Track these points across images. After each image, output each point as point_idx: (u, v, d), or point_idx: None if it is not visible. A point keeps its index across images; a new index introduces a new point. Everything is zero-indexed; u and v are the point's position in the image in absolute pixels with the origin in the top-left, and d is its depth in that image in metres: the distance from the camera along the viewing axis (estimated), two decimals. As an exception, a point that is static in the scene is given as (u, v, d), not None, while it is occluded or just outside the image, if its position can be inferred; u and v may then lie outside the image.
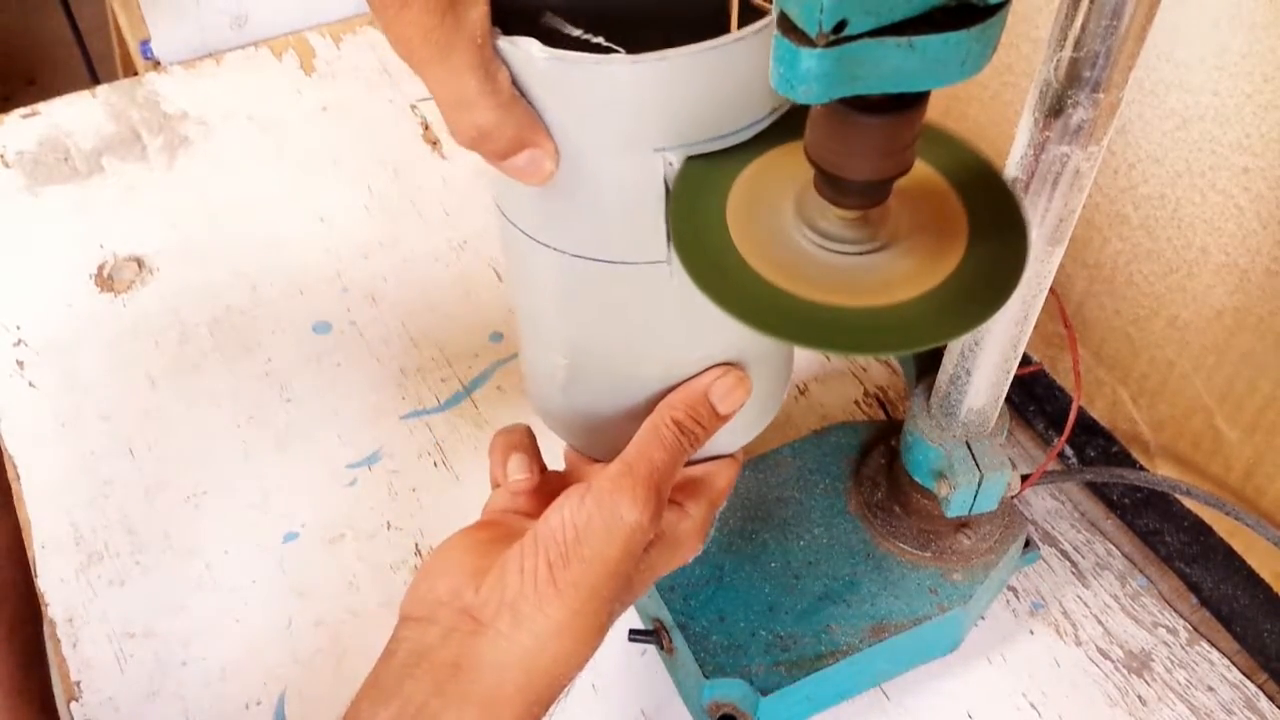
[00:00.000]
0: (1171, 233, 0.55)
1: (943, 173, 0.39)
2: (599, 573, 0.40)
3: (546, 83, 0.35)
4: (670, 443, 0.42)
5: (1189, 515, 0.61)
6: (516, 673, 0.39)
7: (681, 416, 0.43)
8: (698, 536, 0.45)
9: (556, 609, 0.39)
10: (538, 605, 0.39)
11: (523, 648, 0.39)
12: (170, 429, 0.68)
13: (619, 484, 0.40)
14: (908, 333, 0.35)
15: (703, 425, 0.43)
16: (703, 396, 0.43)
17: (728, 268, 0.36)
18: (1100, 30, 0.35)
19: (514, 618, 0.39)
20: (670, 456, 0.42)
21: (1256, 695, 0.58)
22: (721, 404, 0.44)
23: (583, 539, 0.40)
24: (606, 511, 0.40)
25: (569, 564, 0.39)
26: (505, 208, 0.42)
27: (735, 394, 0.44)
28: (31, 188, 0.83)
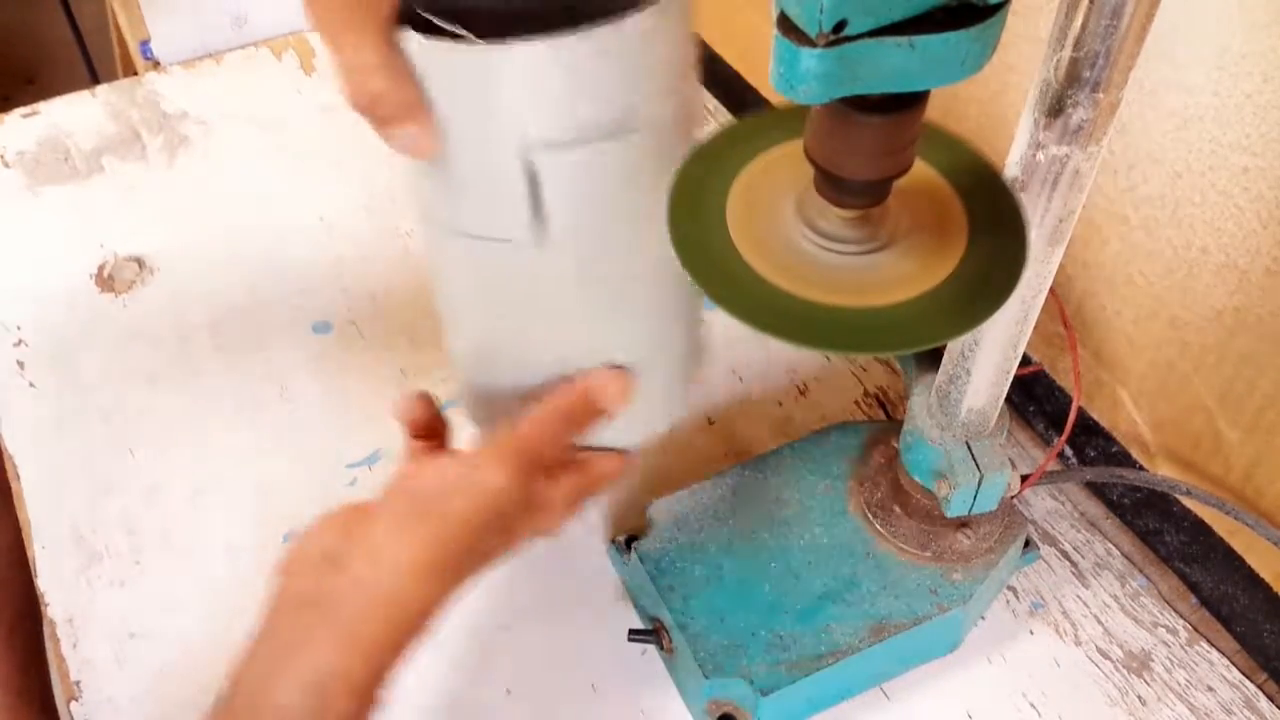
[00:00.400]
0: (1171, 233, 0.55)
1: (943, 173, 0.39)
2: (457, 524, 0.43)
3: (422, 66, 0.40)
4: (546, 424, 0.47)
5: (1189, 515, 0.61)
6: (378, 608, 0.41)
7: (561, 402, 0.47)
8: (563, 505, 0.48)
9: (416, 552, 0.42)
10: (397, 550, 0.42)
11: (383, 587, 0.42)
12: (170, 429, 0.68)
13: (491, 453, 0.45)
14: (908, 333, 0.35)
15: (583, 415, 0.48)
16: (584, 390, 0.48)
17: (728, 268, 0.36)
18: (1100, 30, 0.35)
19: (374, 559, 0.42)
20: (544, 435, 0.46)
21: (1256, 695, 0.58)
22: (601, 400, 0.48)
23: (447, 493, 0.44)
24: (475, 473, 0.44)
25: (429, 515, 0.43)
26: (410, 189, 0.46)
27: (615, 393, 0.48)
28: (31, 188, 0.83)
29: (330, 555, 0.43)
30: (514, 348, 0.49)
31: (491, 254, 0.44)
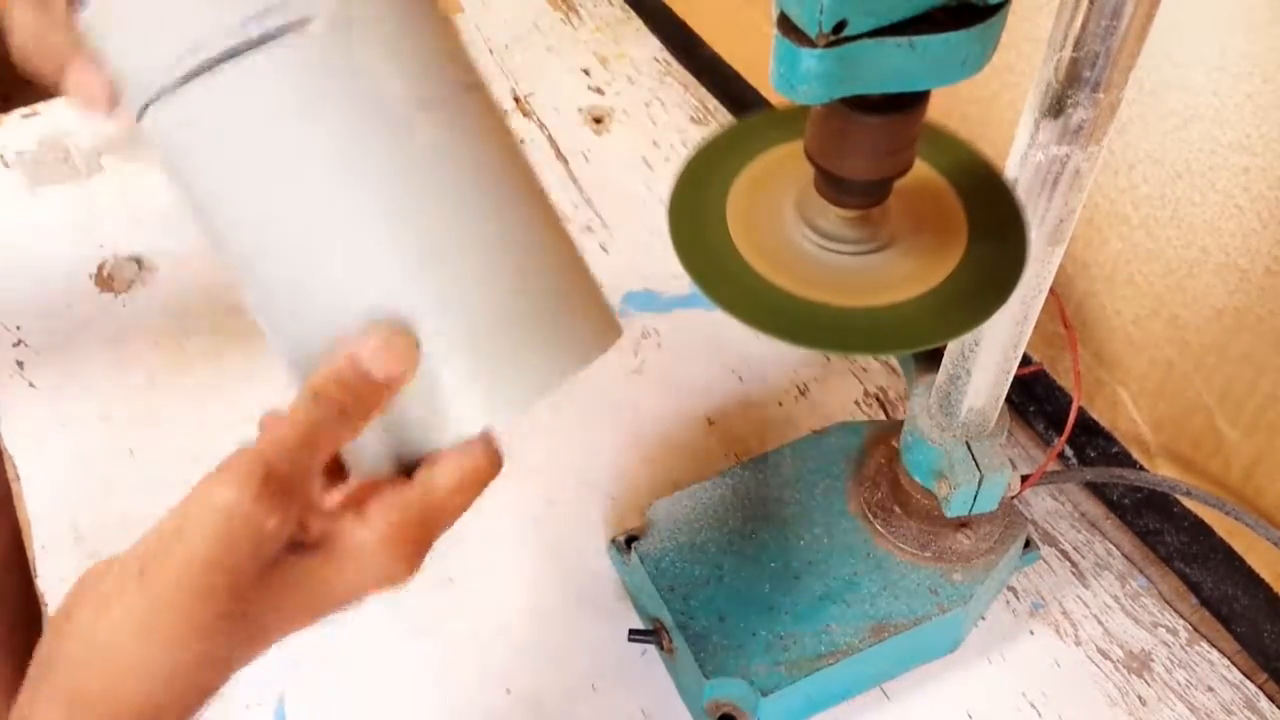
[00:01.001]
0: (1171, 233, 0.55)
1: (943, 173, 0.39)
2: (188, 564, 0.33)
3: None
4: (302, 416, 0.35)
5: (1189, 515, 0.61)
6: (100, 670, 0.34)
7: (320, 383, 0.35)
8: (385, 550, 0.35)
9: (138, 600, 0.33)
10: (120, 598, 0.34)
11: (104, 644, 0.34)
12: (170, 429, 0.68)
13: (221, 466, 0.34)
14: (908, 333, 0.35)
15: (351, 394, 0.35)
16: (346, 357, 0.35)
17: (728, 268, 0.36)
18: (1100, 30, 0.35)
19: (96, 612, 0.34)
20: (299, 430, 0.35)
21: (1256, 695, 0.58)
22: (372, 363, 0.35)
23: (179, 529, 0.34)
24: (200, 494, 0.34)
25: (160, 556, 0.34)
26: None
27: (391, 352, 0.35)
28: (31, 188, 0.83)
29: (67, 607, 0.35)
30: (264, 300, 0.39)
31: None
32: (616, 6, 0.98)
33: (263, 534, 0.34)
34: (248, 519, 0.33)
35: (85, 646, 0.34)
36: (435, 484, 0.36)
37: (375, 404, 0.35)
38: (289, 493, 0.34)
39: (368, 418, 0.36)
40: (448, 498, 0.36)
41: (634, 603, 0.59)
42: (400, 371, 0.35)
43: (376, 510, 0.35)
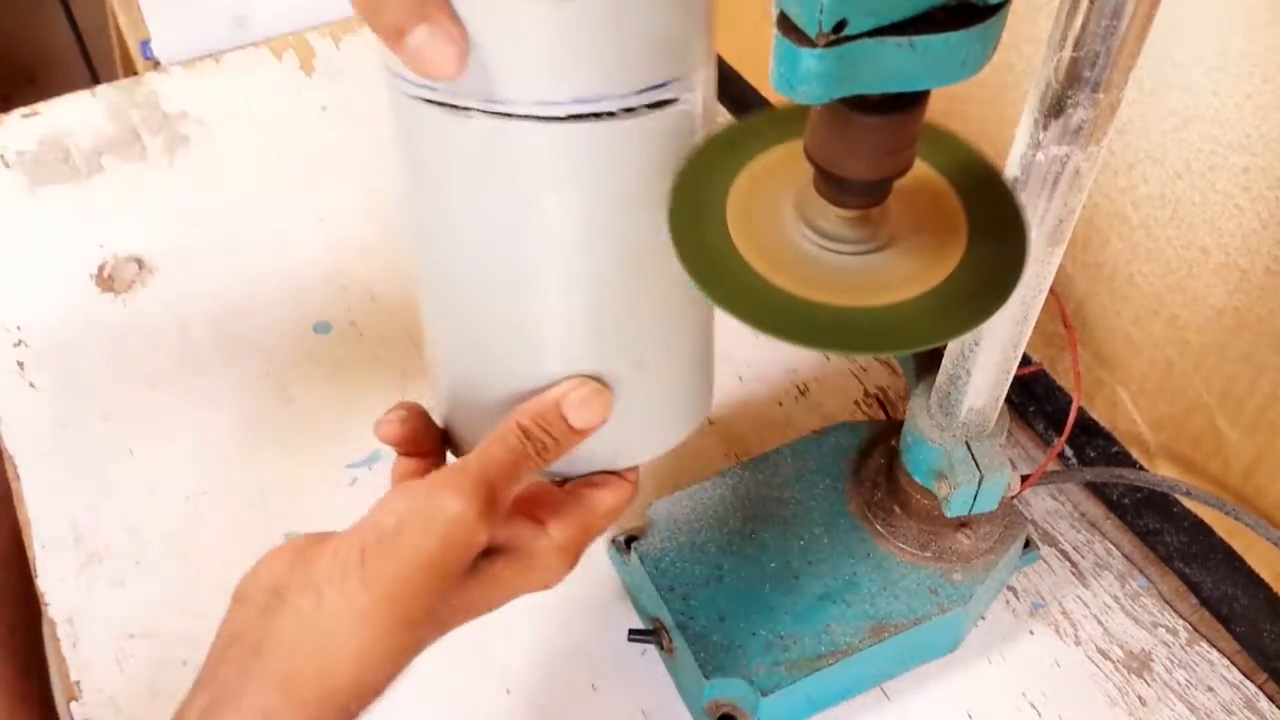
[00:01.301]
0: (1171, 233, 0.55)
1: (943, 173, 0.39)
2: (410, 562, 0.37)
3: None
4: (513, 446, 0.40)
5: (1189, 515, 0.61)
6: (315, 655, 0.37)
7: (528, 423, 0.41)
8: (559, 558, 0.42)
9: (359, 592, 0.37)
10: (341, 587, 0.37)
11: (322, 629, 0.37)
12: (170, 429, 0.68)
13: (447, 477, 0.39)
14: (908, 333, 0.35)
15: (552, 435, 0.41)
16: (554, 405, 0.41)
17: (728, 268, 0.36)
18: (1100, 30, 0.35)
19: (317, 599, 0.37)
20: (511, 459, 0.40)
21: (1256, 695, 0.58)
22: (573, 415, 0.41)
23: (400, 527, 0.38)
24: (428, 501, 0.38)
25: (381, 550, 0.37)
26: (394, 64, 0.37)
27: (590, 408, 0.41)
28: (31, 188, 0.83)
29: (276, 588, 0.38)
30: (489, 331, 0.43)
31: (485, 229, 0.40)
32: (616, 6, 0.98)
33: (475, 544, 0.39)
34: (470, 530, 0.38)
35: (301, 630, 0.37)
36: (598, 506, 0.44)
37: (568, 447, 0.42)
38: (499, 510, 0.39)
39: (557, 456, 0.42)
40: (605, 517, 0.44)
41: (634, 603, 0.59)
42: (597, 423, 0.42)
43: (555, 525, 0.42)
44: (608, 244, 0.40)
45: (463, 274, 0.42)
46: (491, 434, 0.41)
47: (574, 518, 0.43)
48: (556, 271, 0.40)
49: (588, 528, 0.43)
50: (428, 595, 0.38)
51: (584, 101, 0.36)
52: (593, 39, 0.35)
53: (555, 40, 0.35)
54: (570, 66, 0.35)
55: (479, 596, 0.41)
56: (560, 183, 0.38)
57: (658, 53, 0.37)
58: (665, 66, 0.37)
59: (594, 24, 0.35)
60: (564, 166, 0.37)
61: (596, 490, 0.44)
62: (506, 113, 0.36)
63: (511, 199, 0.38)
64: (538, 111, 0.36)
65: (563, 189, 0.38)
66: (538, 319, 0.41)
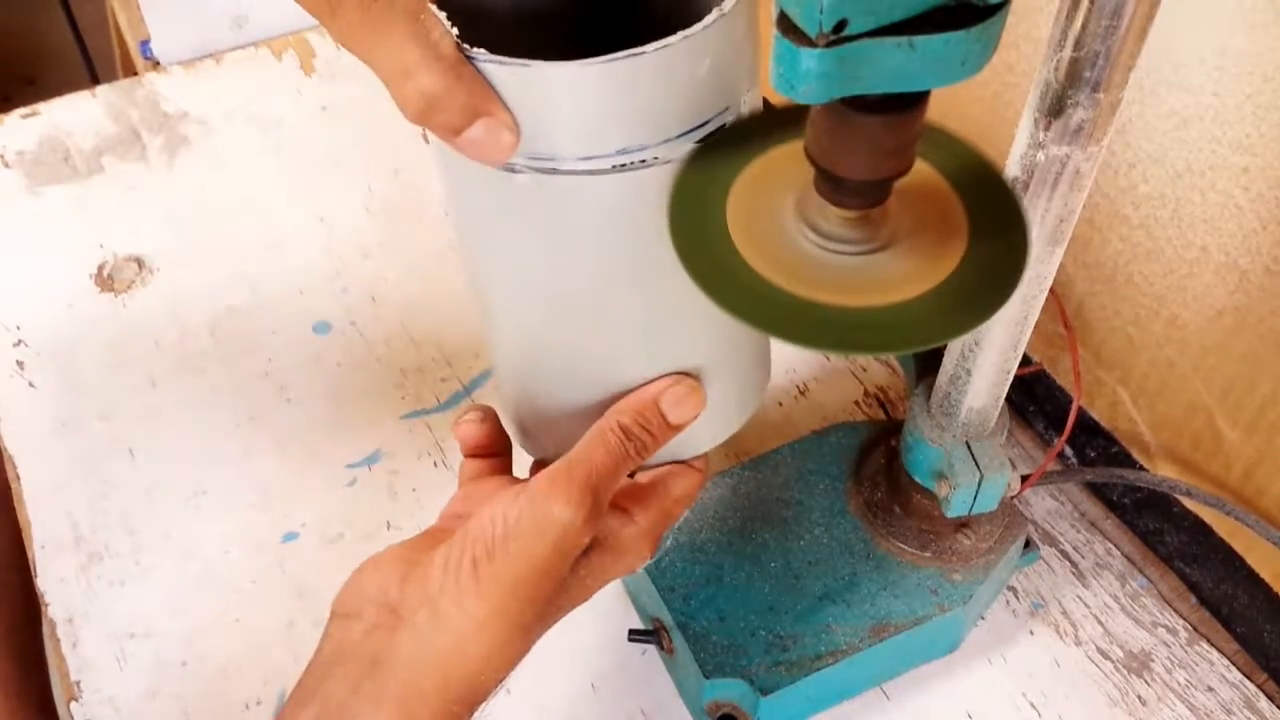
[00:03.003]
0: (1171, 233, 0.55)
1: (943, 173, 0.39)
2: (524, 570, 0.38)
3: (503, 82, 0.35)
4: (614, 447, 0.41)
5: (1189, 515, 0.61)
6: (434, 670, 0.38)
7: (629, 422, 0.42)
8: (644, 543, 0.44)
9: (476, 604, 0.38)
10: (458, 600, 0.38)
11: (441, 644, 0.38)
12: (170, 429, 0.68)
13: (555, 482, 0.39)
14: (908, 333, 0.35)
15: (651, 433, 0.42)
16: (653, 403, 0.42)
17: (728, 267, 0.36)
18: (1100, 30, 0.35)
19: (433, 613, 0.38)
20: (613, 460, 0.41)
21: (1256, 695, 0.58)
22: (672, 413, 0.42)
23: (511, 535, 0.38)
24: (538, 509, 0.39)
25: (493, 559, 0.38)
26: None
27: (687, 404, 0.43)
28: (31, 188, 0.83)
29: (388, 603, 0.39)
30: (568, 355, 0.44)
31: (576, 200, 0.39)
32: (616, 6, 0.98)
33: (581, 547, 0.40)
34: (579, 536, 0.39)
35: (419, 648, 0.38)
36: (674, 492, 0.45)
37: (663, 442, 0.43)
38: (603, 513, 0.41)
39: (653, 452, 0.43)
40: (680, 503, 0.46)
41: (634, 603, 0.59)
42: (692, 418, 0.43)
43: (640, 513, 0.44)
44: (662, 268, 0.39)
45: (522, 306, 0.43)
46: (590, 435, 0.41)
47: (655, 505, 0.44)
48: (613, 298, 0.41)
49: (667, 514, 0.45)
50: (540, 601, 0.39)
51: (628, 152, 0.36)
52: (638, 96, 0.35)
53: (601, 100, 0.35)
54: (615, 124, 0.36)
55: (578, 590, 0.42)
56: (608, 224, 0.38)
57: (703, 95, 0.37)
58: (711, 103, 0.37)
59: (641, 81, 0.35)
60: (610, 211, 0.38)
61: (671, 478, 0.46)
62: (553, 169, 0.36)
63: (561, 241, 0.39)
64: (583, 167, 0.36)
65: (610, 229, 0.38)
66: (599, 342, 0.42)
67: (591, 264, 0.40)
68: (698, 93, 0.36)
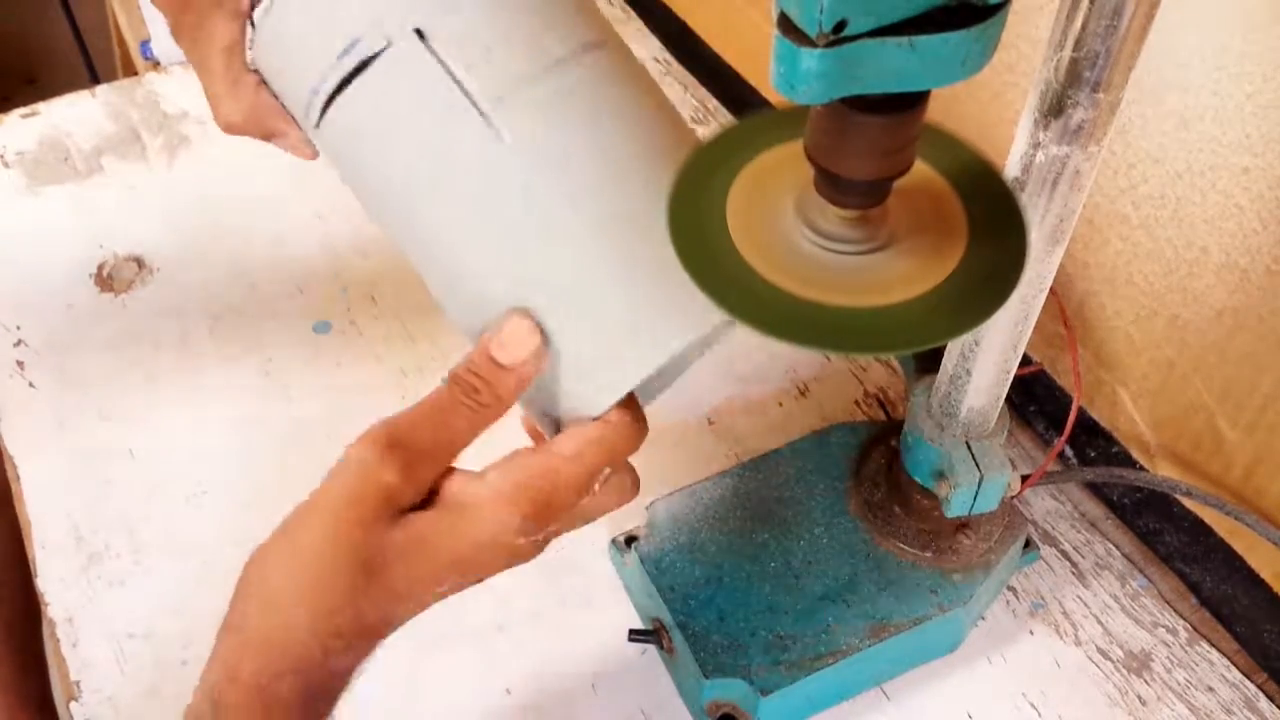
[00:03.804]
0: (1172, 233, 0.55)
1: (943, 173, 0.39)
2: (321, 513, 0.38)
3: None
4: (439, 394, 0.39)
5: (1189, 515, 0.61)
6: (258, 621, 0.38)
7: (459, 370, 0.39)
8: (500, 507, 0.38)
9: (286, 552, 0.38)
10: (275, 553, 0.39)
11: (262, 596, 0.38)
12: (170, 429, 0.68)
13: (364, 433, 0.38)
14: (908, 333, 0.35)
15: (480, 375, 0.39)
16: (481, 346, 0.39)
17: (728, 267, 0.36)
18: (1100, 30, 0.35)
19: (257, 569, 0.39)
20: (433, 405, 0.39)
21: (1256, 695, 0.58)
22: (499, 350, 0.39)
23: (319, 490, 0.38)
24: (339, 460, 0.38)
25: (301, 510, 0.38)
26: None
27: (514, 342, 0.39)
28: (31, 188, 0.83)
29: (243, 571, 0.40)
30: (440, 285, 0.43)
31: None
32: (617, 6, 0.98)
33: (384, 487, 0.37)
34: (372, 472, 0.37)
35: (251, 587, 0.39)
36: (553, 450, 0.39)
37: (505, 388, 0.39)
38: (412, 456, 0.38)
39: (501, 401, 0.39)
40: (565, 462, 0.39)
41: (634, 603, 0.59)
42: (523, 356, 0.39)
43: (493, 470, 0.39)
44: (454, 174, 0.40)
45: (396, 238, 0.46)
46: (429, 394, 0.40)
47: (518, 461, 0.39)
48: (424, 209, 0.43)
49: (543, 474, 0.39)
50: (342, 541, 0.37)
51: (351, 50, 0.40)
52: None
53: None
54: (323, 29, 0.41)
55: (421, 554, 0.38)
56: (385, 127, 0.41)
57: None
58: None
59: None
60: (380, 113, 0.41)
61: (561, 437, 0.40)
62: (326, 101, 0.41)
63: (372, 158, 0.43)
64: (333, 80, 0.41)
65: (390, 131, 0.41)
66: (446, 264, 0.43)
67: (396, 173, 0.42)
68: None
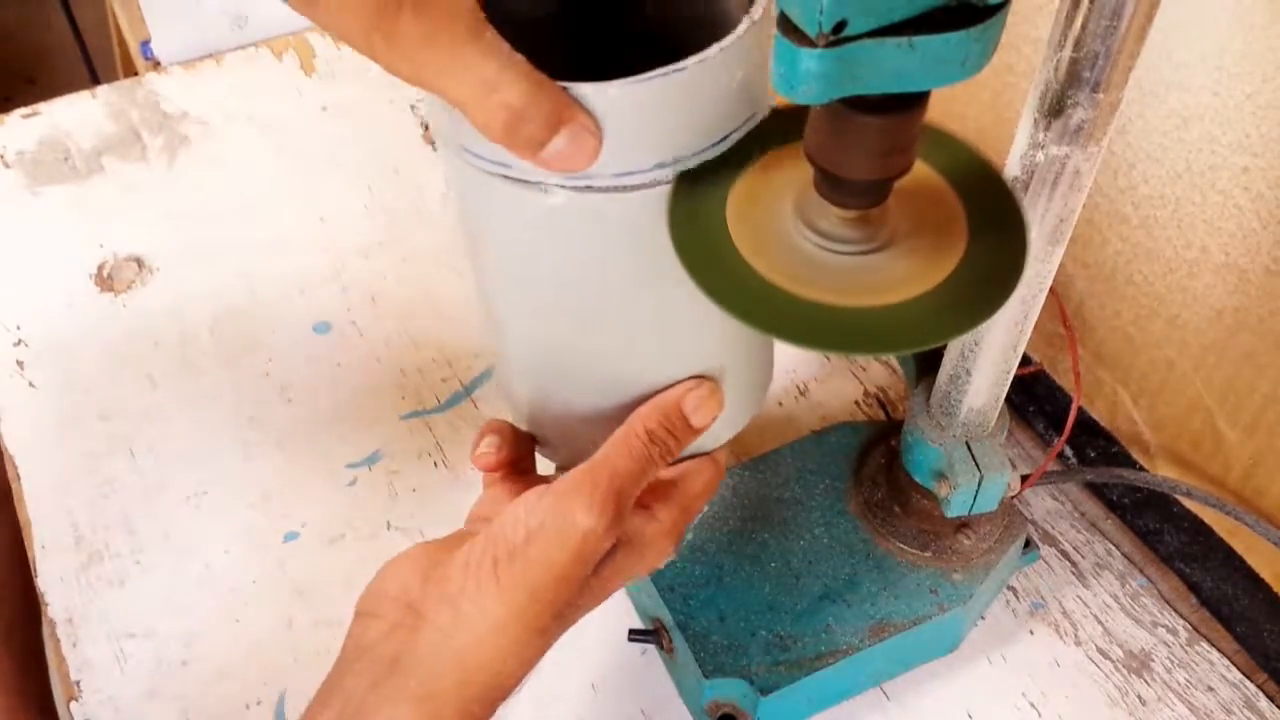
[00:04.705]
0: (1171, 233, 0.55)
1: (943, 173, 0.39)
2: (544, 575, 0.38)
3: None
4: (638, 451, 0.41)
5: (1189, 515, 0.61)
6: (453, 669, 0.38)
7: (654, 426, 0.42)
8: (666, 540, 0.44)
9: (496, 606, 0.38)
10: (477, 601, 0.38)
11: (460, 644, 0.38)
12: (170, 429, 0.68)
13: (578, 488, 0.39)
14: (908, 333, 0.35)
15: (675, 435, 0.42)
16: (675, 407, 0.42)
17: (728, 268, 0.36)
18: (1100, 30, 0.35)
19: (454, 613, 0.38)
20: (637, 465, 0.41)
21: (1256, 695, 0.58)
22: (694, 416, 0.43)
23: (532, 539, 0.38)
24: (560, 515, 0.39)
25: (514, 562, 0.38)
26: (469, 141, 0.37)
27: (708, 406, 0.43)
28: (31, 188, 0.83)
29: (409, 602, 0.39)
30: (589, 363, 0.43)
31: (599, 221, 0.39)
32: (616, 6, 0.98)
33: (602, 553, 0.40)
34: (599, 542, 0.39)
35: (439, 647, 0.38)
36: (694, 486, 0.45)
37: (686, 444, 0.43)
38: (626, 517, 0.40)
39: (677, 454, 0.43)
40: (700, 497, 0.45)
41: (634, 603, 0.59)
42: (713, 419, 0.43)
43: (661, 509, 0.43)
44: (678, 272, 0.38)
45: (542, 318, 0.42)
46: (614, 439, 0.41)
47: (675, 500, 0.44)
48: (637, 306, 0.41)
49: (687, 508, 0.45)
50: (560, 605, 0.39)
51: (664, 166, 0.36)
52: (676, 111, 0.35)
53: (639, 118, 0.35)
54: (652, 139, 0.35)
55: (599, 589, 0.42)
56: (640, 237, 0.38)
57: (734, 104, 0.37)
58: (741, 111, 0.37)
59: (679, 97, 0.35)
60: (643, 224, 0.37)
61: (692, 474, 0.45)
62: (588, 187, 0.36)
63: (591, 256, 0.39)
64: (618, 183, 0.36)
65: (642, 241, 0.38)
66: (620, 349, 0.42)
67: (619, 276, 0.39)
68: (730, 102, 0.36)
